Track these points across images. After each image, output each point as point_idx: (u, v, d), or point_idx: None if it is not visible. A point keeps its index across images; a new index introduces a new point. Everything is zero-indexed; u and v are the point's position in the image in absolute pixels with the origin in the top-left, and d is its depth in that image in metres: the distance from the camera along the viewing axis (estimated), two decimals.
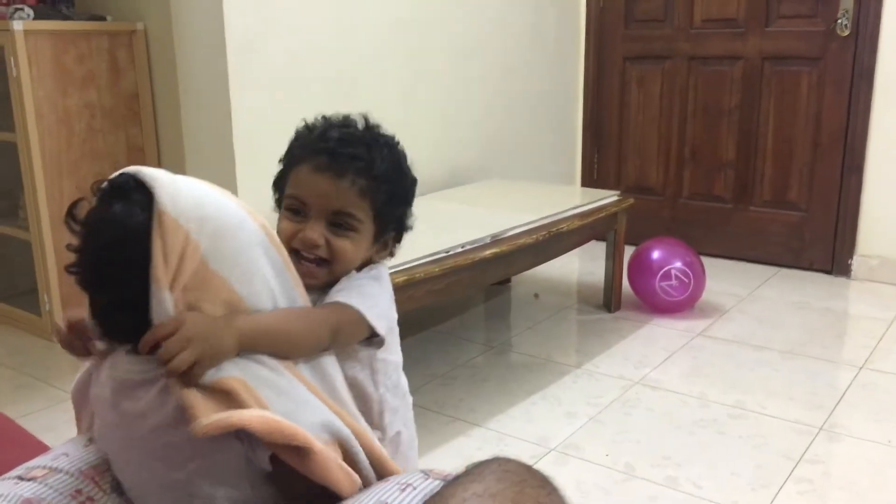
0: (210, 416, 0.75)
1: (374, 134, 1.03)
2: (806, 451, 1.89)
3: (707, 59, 3.44)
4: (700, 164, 3.54)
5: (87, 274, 0.80)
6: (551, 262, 2.66)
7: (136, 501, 0.89)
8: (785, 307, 2.91)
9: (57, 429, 2.03)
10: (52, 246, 2.54)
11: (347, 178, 0.97)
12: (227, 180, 2.28)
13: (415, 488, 0.81)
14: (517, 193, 2.94)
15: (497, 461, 0.74)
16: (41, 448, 1.10)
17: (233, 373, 0.80)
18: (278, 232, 0.98)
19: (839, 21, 3.07)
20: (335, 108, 1.28)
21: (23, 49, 2.42)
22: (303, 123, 1.06)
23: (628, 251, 2.87)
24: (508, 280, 3.16)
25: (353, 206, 0.97)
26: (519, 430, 2.02)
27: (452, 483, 0.70)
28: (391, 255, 1.07)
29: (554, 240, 2.39)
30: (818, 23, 3.15)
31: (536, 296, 3.08)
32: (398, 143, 1.06)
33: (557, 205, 2.57)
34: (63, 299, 2.60)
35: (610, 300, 2.85)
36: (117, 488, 0.87)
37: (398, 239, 1.07)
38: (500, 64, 3.24)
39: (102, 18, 2.70)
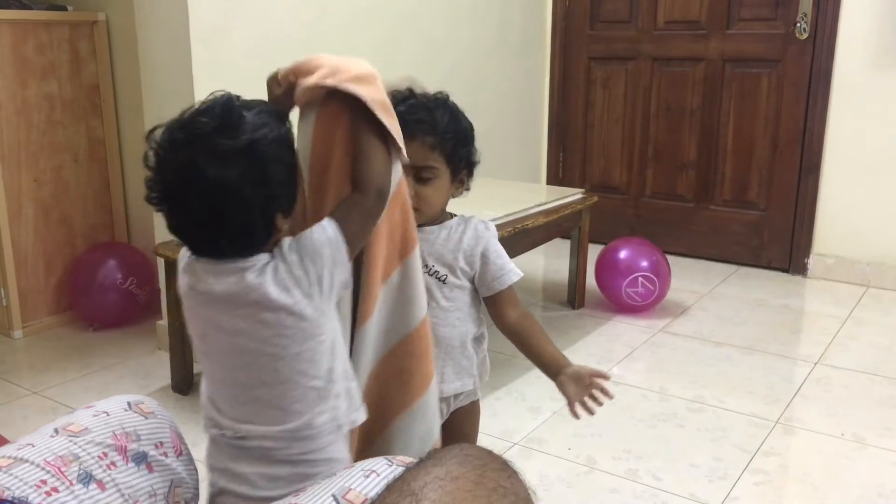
0: None
1: (429, 97, 1.25)
2: (762, 444, 1.93)
3: (670, 60, 3.49)
4: (663, 164, 3.60)
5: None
6: (516, 259, 2.66)
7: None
8: (743, 305, 2.97)
9: (14, 425, 1.99)
10: (9, 240, 2.48)
11: (417, 139, 1.19)
12: None
13: (378, 474, 0.82)
14: (482, 190, 2.90)
15: (459, 446, 0.75)
16: (0, 441, 1.08)
17: None
18: None
19: (798, 24, 3.14)
20: None
21: None
22: None
23: (592, 249, 2.90)
24: None
25: (428, 160, 1.21)
26: (483, 424, 2.02)
27: (415, 468, 0.71)
28: (467, 189, 1.33)
29: (519, 236, 2.41)
30: (778, 25, 3.22)
31: None
32: (448, 97, 1.28)
33: (522, 201, 2.59)
34: (21, 294, 2.55)
35: (574, 297, 2.88)
36: (82, 479, 0.87)
37: (470, 174, 1.32)
38: (467, 61, 3.26)
39: (63, 8, 2.66)
